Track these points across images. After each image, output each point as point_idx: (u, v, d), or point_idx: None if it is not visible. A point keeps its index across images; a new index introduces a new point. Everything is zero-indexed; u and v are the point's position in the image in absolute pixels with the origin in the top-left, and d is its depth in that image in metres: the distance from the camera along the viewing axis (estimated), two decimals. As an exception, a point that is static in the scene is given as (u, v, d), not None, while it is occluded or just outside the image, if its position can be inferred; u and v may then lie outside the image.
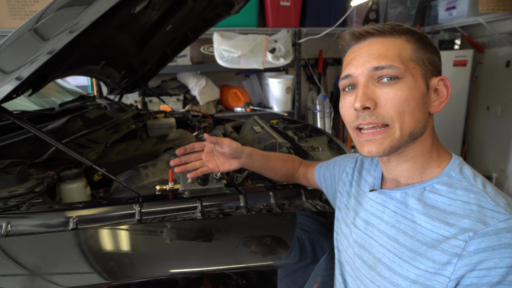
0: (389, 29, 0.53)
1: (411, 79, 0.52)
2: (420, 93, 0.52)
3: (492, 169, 3.06)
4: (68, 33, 0.71)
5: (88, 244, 0.67)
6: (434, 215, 0.51)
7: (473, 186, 0.50)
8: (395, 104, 0.51)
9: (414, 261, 0.50)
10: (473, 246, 0.44)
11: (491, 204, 0.47)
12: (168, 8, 1.44)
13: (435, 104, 0.55)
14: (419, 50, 0.54)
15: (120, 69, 1.81)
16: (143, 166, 0.99)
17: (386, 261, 0.55)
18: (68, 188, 0.83)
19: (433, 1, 3.18)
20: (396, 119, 0.51)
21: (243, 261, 0.73)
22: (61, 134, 1.03)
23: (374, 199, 0.61)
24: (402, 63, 0.51)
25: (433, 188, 0.53)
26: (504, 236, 0.43)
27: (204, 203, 0.81)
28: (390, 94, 0.51)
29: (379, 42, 0.53)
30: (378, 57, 0.52)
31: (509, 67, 2.80)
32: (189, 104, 2.99)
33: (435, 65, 0.55)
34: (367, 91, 0.52)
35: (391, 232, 0.55)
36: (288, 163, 0.92)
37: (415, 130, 0.53)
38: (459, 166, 0.54)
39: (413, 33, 0.54)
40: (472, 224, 0.46)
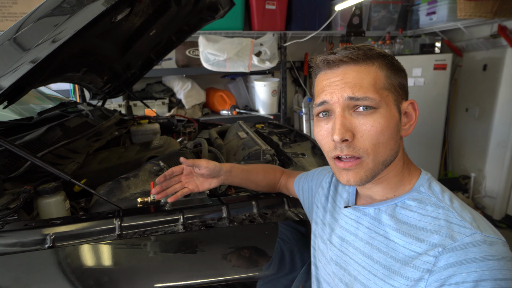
0: (363, 56, 0.53)
1: (386, 108, 0.52)
2: (395, 121, 0.54)
3: (470, 169, 3.16)
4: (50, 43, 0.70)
5: (66, 262, 0.66)
6: (406, 231, 0.52)
7: (441, 201, 0.52)
8: (371, 137, 0.52)
9: (388, 279, 0.51)
10: (443, 262, 0.46)
11: (457, 219, 0.48)
12: (151, 14, 1.43)
13: (405, 128, 0.56)
14: (391, 76, 0.54)
15: (102, 75, 1.78)
16: (124, 177, 0.98)
17: (361, 279, 0.55)
18: (46, 202, 0.81)
19: (415, 6, 3.26)
20: (371, 151, 0.52)
21: (226, 273, 0.73)
22: (39, 145, 1.01)
23: (348, 215, 0.62)
24: (377, 93, 0.52)
25: (404, 204, 0.54)
26: (470, 250, 0.45)
27: (186, 215, 0.81)
28: (367, 125, 0.52)
29: (354, 70, 0.53)
30: (353, 86, 0.52)
31: (486, 70, 2.90)
32: (175, 107, 2.97)
33: (404, 88, 0.56)
34: (344, 122, 0.52)
35: (365, 249, 0.56)
36: (269, 174, 0.93)
37: (388, 158, 0.54)
38: (428, 181, 0.55)
39: (384, 57, 0.55)
40: (441, 239, 0.47)
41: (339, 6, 2.73)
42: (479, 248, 0.44)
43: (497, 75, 2.81)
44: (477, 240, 0.45)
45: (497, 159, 2.89)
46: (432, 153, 3.23)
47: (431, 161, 3.17)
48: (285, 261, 0.78)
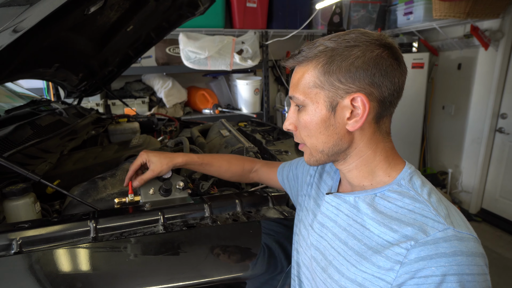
0: (302, 57, 0.57)
1: (311, 106, 0.57)
2: (320, 117, 0.56)
3: (448, 165, 3.27)
4: (11, 33, 0.64)
5: (34, 268, 0.61)
6: (382, 220, 0.52)
7: (419, 195, 0.52)
8: (302, 129, 0.60)
9: (360, 265, 0.52)
10: (414, 255, 0.46)
11: (432, 214, 0.49)
12: (128, 9, 1.37)
13: (350, 123, 0.54)
14: (325, 73, 0.54)
15: (77, 72, 1.70)
16: (100, 177, 0.93)
17: (336, 264, 0.56)
18: (13, 205, 0.76)
19: (393, 6, 3.33)
20: (306, 140, 0.60)
21: (210, 275, 0.71)
22: (6, 145, 0.94)
23: (330, 202, 0.63)
24: (303, 93, 0.57)
25: (383, 195, 0.55)
26: (441, 245, 0.45)
27: (166, 215, 0.77)
28: (300, 120, 0.59)
29: (296, 72, 0.59)
30: (292, 87, 0.59)
31: (460, 69, 3.01)
32: (156, 106, 2.89)
33: (349, 83, 0.53)
34: (291, 116, 0.61)
35: (342, 235, 0.57)
36: (234, 166, 0.94)
37: (326, 149, 0.58)
38: (409, 175, 0.55)
39: (322, 54, 0.54)
40: (414, 233, 0.48)
41: (319, 4, 2.75)
42: (450, 244, 0.45)
43: (471, 73, 2.92)
44: (448, 236, 0.46)
45: (472, 155, 3.00)
46: (411, 149, 3.32)
47: (411, 158, 3.25)
48: (272, 260, 0.76)
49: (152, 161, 0.86)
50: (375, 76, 0.52)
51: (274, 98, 3.51)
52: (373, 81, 0.52)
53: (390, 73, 0.53)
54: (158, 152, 0.88)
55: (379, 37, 0.54)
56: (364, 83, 0.52)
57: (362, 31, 0.54)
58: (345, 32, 0.55)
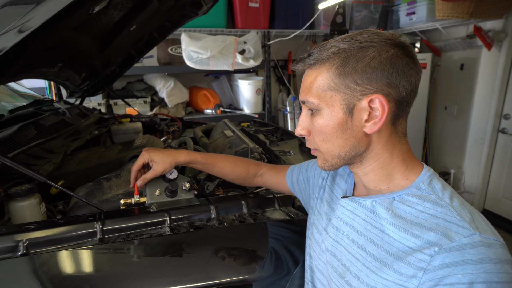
0: (314, 60, 0.55)
1: (326, 110, 0.55)
2: (336, 121, 0.54)
3: (450, 166, 3.27)
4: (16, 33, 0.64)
5: (41, 270, 0.60)
6: (402, 225, 0.51)
7: (440, 199, 0.51)
8: (316, 134, 0.58)
9: (380, 272, 0.51)
10: (438, 261, 0.45)
11: (456, 219, 0.47)
12: (132, 8, 1.37)
13: (368, 125, 0.53)
14: (341, 75, 0.52)
15: (80, 71, 1.69)
16: (106, 177, 0.92)
17: (354, 270, 0.55)
18: (19, 206, 0.75)
19: (395, 6, 3.33)
20: (320, 146, 0.59)
21: (216, 277, 0.70)
22: (10, 145, 0.93)
23: (345, 206, 0.62)
24: (317, 96, 0.55)
25: (402, 199, 0.53)
26: (467, 252, 0.44)
27: (173, 217, 0.77)
28: (315, 125, 0.57)
29: (308, 75, 0.57)
30: (303, 91, 0.58)
31: (463, 70, 3.00)
32: (157, 106, 2.89)
33: (366, 84, 0.52)
34: (303, 121, 0.60)
35: (360, 241, 0.56)
36: (238, 168, 0.91)
37: (342, 153, 0.57)
38: (429, 178, 0.54)
39: (336, 56, 0.53)
40: (437, 238, 0.46)
41: (322, 4, 2.74)
42: (477, 250, 0.44)
43: (473, 74, 2.91)
44: (475, 242, 0.44)
45: (475, 155, 2.99)
46: (413, 150, 3.27)
47: (413, 158, 3.25)
48: (279, 262, 0.75)
49: (154, 161, 0.84)
50: (392, 76, 0.51)
51: (276, 98, 3.51)
52: (390, 81, 0.51)
53: (406, 73, 0.52)
54: (160, 151, 0.85)
55: (392, 37, 0.53)
56: (382, 83, 0.51)
57: (374, 31, 0.53)
58: (356, 33, 0.54)
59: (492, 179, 2.93)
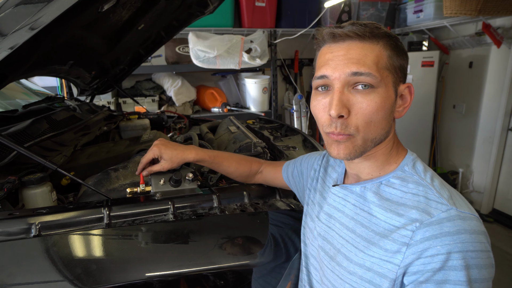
0: (369, 33, 0.52)
1: (384, 89, 0.53)
2: (390, 102, 0.54)
3: (458, 165, 3.23)
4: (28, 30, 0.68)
5: (52, 251, 0.64)
6: (388, 206, 0.54)
7: (422, 180, 0.54)
8: (365, 115, 0.52)
9: (368, 250, 0.53)
10: (419, 236, 0.48)
11: (435, 196, 0.50)
12: (140, 7, 1.41)
13: (399, 110, 0.57)
14: (393, 57, 0.54)
15: (90, 69, 1.75)
16: (113, 168, 0.96)
17: (344, 251, 0.57)
18: (31, 193, 0.79)
19: (402, 4, 3.31)
20: (362, 129, 0.53)
21: (218, 262, 0.73)
22: (24, 137, 0.98)
23: (336, 193, 0.64)
24: (378, 72, 0.52)
25: (388, 182, 0.56)
26: (445, 225, 0.47)
27: (176, 205, 0.80)
28: (363, 104, 0.52)
29: (359, 47, 0.52)
30: (357, 62, 0.52)
31: (471, 67, 2.97)
32: (165, 105, 2.94)
33: (404, 71, 0.56)
34: (342, 98, 0.52)
35: (349, 224, 0.58)
36: (242, 167, 0.92)
37: (378, 137, 0.55)
38: (412, 161, 0.57)
39: (390, 37, 0.54)
40: (418, 214, 0.49)
41: (328, 3, 2.75)
42: (453, 223, 0.47)
43: (483, 72, 2.87)
44: (452, 215, 0.47)
45: (484, 154, 2.95)
46: (421, 149, 3.28)
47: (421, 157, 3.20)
48: (279, 249, 0.78)
49: (164, 158, 0.86)
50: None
51: (282, 97, 3.52)
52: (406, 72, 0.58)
53: None
54: (170, 148, 0.86)
55: None
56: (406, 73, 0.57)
57: None
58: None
59: (502, 179, 2.89)
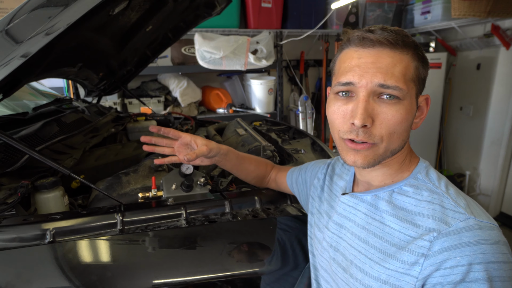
0: (401, 42, 0.50)
1: (409, 101, 0.52)
2: (413, 114, 0.54)
3: (465, 167, 3.20)
4: (44, 36, 0.67)
5: (67, 257, 0.64)
6: (403, 216, 0.52)
7: (437, 188, 0.52)
8: (389, 126, 0.51)
9: (384, 262, 0.52)
10: (437, 246, 0.46)
11: (452, 205, 0.49)
12: (148, 9, 1.41)
13: (416, 121, 0.57)
14: (419, 68, 0.53)
15: (98, 71, 1.75)
16: (124, 172, 0.96)
17: (357, 263, 0.56)
18: (44, 198, 0.79)
19: (409, 5, 3.28)
20: (386, 139, 0.52)
21: (230, 268, 0.72)
22: (35, 140, 0.98)
23: (346, 202, 0.63)
24: (405, 84, 0.50)
25: (401, 190, 0.55)
26: (464, 235, 0.45)
27: (188, 210, 0.80)
28: (388, 115, 0.51)
29: (389, 55, 0.50)
30: (385, 73, 0.50)
31: (479, 69, 2.94)
32: (171, 105, 2.94)
33: (424, 83, 0.56)
34: (367, 108, 0.51)
35: (361, 234, 0.57)
36: (261, 166, 0.93)
37: (397, 147, 0.54)
38: (425, 169, 0.56)
39: (417, 48, 0.53)
40: (435, 224, 0.48)
41: (335, 4, 2.73)
42: (473, 233, 0.45)
43: (491, 74, 2.84)
44: (470, 225, 0.46)
45: (491, 157, 2.93)
46: (427, 151, 3.26)
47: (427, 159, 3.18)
48: (287, 255, 0.77)
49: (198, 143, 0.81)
50: None
51: (288, 98, 3.51)
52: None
53: None
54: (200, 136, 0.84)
55: None
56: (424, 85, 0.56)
57: None
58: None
59: (510, 181, 2.86)
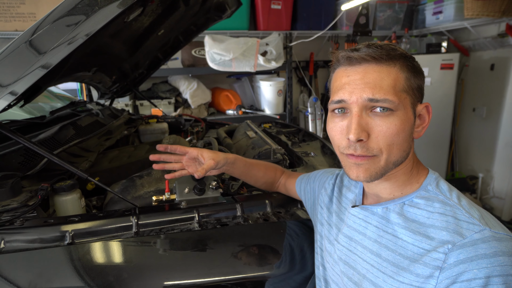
0: (385, 56, 0.52)
1: (403, 111, 0.53)
2: (410, 124, 0.54)
3: (478, 170, 3.14)
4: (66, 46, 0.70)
5: (85, 258, 0.67)
6: (415, 228, 0.52)
7: (448, 199, 0.52)
8: (386, 138, 0.52)
9: (397, 276, 0.51)
10: (453, 258, 0.46)
11: (465, 216, 0.49)
12: (161, 14, 1.43)
13: (418, 130, 0.56)
14: (410, 78, 0.54)
15: (111, 74, 1.79)
16: (138, 175, 0.98)
17: (370, 277, 0.55)
18: (63, 200, 0.82)
19: (421, 5, 3.24)
20: (385, 151, 0.53)
21: (241, 271, 0.74)
22: (53, 144, 1.02)
23: (356, 215, 0.62)
24: (396, 96, 0.52)
25: (412, 202, 0.55)
26: (480, 247, 0.45)
27: (201, 214, 0.81)
28: (383, 127, 0.52)
29: (375, 71, 0.52)
30: (373, 87, 0.51)
31: (493, 70, 2.89)
32: (181, 107, 2.98)
33: (421, 91, 0.56)
34: (361, 122, 0.52)
35: (373, 247, 0.56)
36: (269, 172, 0.94)
37: (399, 159, 0.54)
38: (435, 180, 0.56)
39: (406, 59, 0.54)
40: (449, 236, 0.48)
41: (345, 5, 2.72)
42: (489, 244, 0.45)
43: (505, 74, 2.79)
44: (486, 237, 0.46)
45: (506, 159, 2.87)
46: (439, 153, 3.21)
47: (438, 161, 3.15)
48: (296, 258, 0.78)
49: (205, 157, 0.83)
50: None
51: (297, 100, 3.51)
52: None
53: None
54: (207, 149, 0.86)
55: None
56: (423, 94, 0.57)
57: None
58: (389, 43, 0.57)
59: (524, 184, 2.80)
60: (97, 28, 0.67)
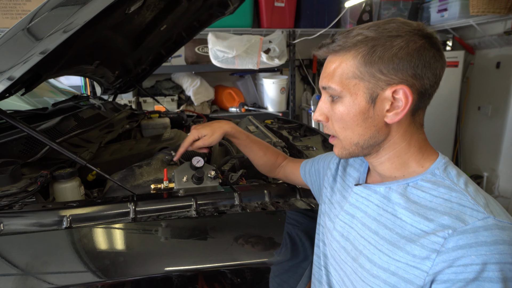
0: (339, 47, 0.55)
1: (349, 98, 0.55)
2: (358, 110, 0.55)
3: (483, 169, 3.11)
4: (61, 33, 0.70)
5: (82, 242, 0.67)
6: (415, 209, 0.52)
7: (455, 185, 0.51)
8: (336, 121, 0.58)
9: (393, 254, 0.52)
10: (452, 243, 0.46)
11: (471, 203, 0.48)
12: (163, 8, 1.44)
13: (390, 115, 0.54)
14: (366, 64, 0.52)
15: (114, 69, 1.80)
16: (137, 165, 0.99)
17: (366, 253, 0.56)
18: (62, 187, 0.83)
19: (426, 3, 3.22)
20: (339, 133, 0.59)
21: (238, 258, 0.74)
22: (54, 134, 1.03)
23: (359, 193, 0.63)
24: (340, 83, 0.55)
25: (416, 185, 0.54)
26: (481, 234, 0.44)
27: (199, 201, 0.81)
28: (333, 112, 0.58)
29: (331, 61, 0.57)
30: (326, 77, 0.57)
31: (499, 68, 2.85)
32: (184, 104, 2.99)
33: (391, 74, 0.52)
34: (322, 107, 0.60)
35: (372, 225, 0.57)
36: (270, 155, 0.96)
37: (361, 141, 0.57)
38: (444, 165, 0.55)
39: (362, 44, 0.53)
40: (451, 221, 0.47)
41: (348, 3, 2.71)
42: (491, 232, 0.44)
43: (511, 72, 2.75)
44: (489, 224, 0.45)
45: (511, 158, 2.83)
46: (443, 151, 3.14)
47: (442, 160, 3.12)
48: (297, 248, 0.78)
49: (203, 134, 0.91)
50: (418, 67, 0.51)
51: (300, 97, 3.51)
52: (416, 72, 0.51)
53: (432, 65, 0.52)
54: (208, 125, 0.92)
55: (420, 27, 0.52)
56: (407, 74, 0.51)
57: (402, 20, 0.53)
58: (384, 21, 0.54)
59: (530, 184, 2.76)
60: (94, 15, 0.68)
